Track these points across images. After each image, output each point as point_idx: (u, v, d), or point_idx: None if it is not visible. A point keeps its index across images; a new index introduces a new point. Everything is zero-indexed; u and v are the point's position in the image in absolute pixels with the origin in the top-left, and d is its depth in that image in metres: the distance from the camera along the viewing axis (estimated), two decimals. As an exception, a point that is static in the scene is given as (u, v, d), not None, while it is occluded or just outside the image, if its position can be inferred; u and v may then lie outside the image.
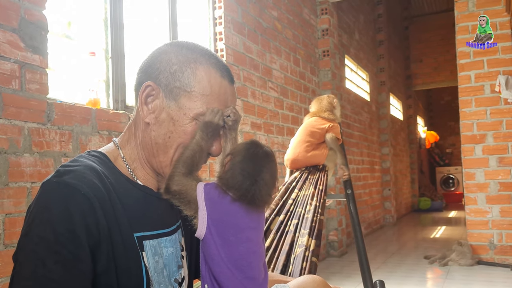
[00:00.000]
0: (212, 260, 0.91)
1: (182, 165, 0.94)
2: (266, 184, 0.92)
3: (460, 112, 4.56)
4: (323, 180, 1.94)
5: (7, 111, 1.74)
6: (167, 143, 0.99)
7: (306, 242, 1.59)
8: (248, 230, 0.93)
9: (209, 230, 0.91)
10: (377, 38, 8.02)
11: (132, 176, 1.02)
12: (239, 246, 0.91)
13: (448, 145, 13.69)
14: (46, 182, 0.88)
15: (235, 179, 0.90)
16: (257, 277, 0.94)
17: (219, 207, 0.92)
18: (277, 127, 4.07)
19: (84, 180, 0.88)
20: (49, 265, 0.81)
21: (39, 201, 0.87)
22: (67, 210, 0.84)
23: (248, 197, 0.91)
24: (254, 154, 0.93)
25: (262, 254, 0.96)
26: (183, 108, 0.97)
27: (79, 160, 0.95)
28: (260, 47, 3.85)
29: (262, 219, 0.97)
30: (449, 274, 4.04)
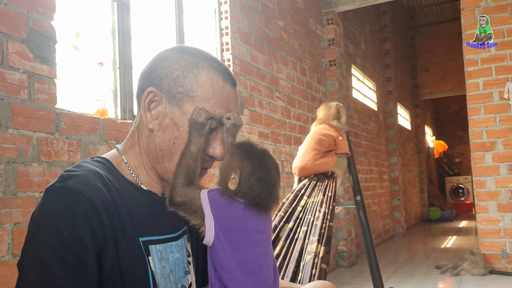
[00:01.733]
0: (221, 267, 0.90)
1: (180, 175, 0.93)
2: (276, 183, 0.92)
3: (469, 120, 4.53)
4: (331, 187, 1.93)
5: (16, 121, 1.75)
6: (172, 149, 0.98)
7: (316, 249, 1.57)
8: (257, 234, 0.91)
9: (217, 236, 0.89)
10: (383, 47, 8.02)
11: (136, 181, 1.01)
12: (249, 250, 0.90)
13: (457, 155, 13.59)
14: (50, 188, 0.88)
15: (254, 191, 0.89)
16: (268, 281, 0.92)
17: (227, 213, 0.90)
18: (285, 136, 4.06)
19: (88, 185, 0.88)
20: (54, 270, 0.80)
21: (43, 207, 0.86)
22: (71, 215, 0.83)
23: (262, 203, 0.90)
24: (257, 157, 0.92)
25: (271, 257, 0.95)
26: (187, 113, 0.97)
27: (83, 165, 0.94)
28: (267, 57, 3.86)
29: (270, 220, 0.95)
30: (461, 284, 3.98)
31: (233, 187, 0.90)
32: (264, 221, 0.93)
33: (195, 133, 0.95)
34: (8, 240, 1.69)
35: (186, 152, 0.95)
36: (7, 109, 1.72)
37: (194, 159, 0.95)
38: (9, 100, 1.73)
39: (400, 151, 8.39)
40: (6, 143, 1.71)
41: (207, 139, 0.99)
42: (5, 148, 1.70)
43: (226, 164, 0.93)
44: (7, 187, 1.70)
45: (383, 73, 7.94)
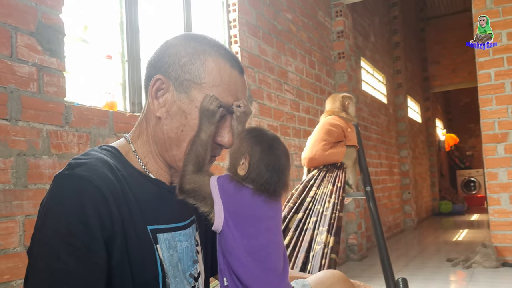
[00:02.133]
0: (230, 254, 0.89)
1: (190, 163, 0.93)
2: (285, 169, 0.91)
3: (480, 111, 4.48)
4: (341, 178, 1.91)
5: (26, 114, 1.76)
6: (180, 136, 0.97)
7: (325, 239, 1.56)
8: (266, 220, 0.91)
9: (226, 223, 0.89)
10: (392, 40, 7.95)
11: (144, 170, 1.01)
12: (258, 237, 0.89)
13: (468, 148, 13.46)
14: (58, 175, 0.88)
15: (263, 177, 0.89)
16: (277, 268, 0.91)
17: (236, 200, 0.90)
18: (294, 129, 4.05)
19: (96, 172, 0.88)
20: (63, 257, 0.81)
21: (51, 194, 0.86)
22: (79, 202, 0.84)
23: (271, 189, 0.89)
24: (267, 143, 0.92)
25: (281, 244, 0.94)
26: (195, 101, 0.96)
27: (91, 154, 0.94)
28: (275, 49, 3.84)
29: (280, 207, 0.95)
30: (473, 277, 3.95)
31: (242, 173, 0.89)
32: (273, 208, 0.92)
33: (205, 121, 0.94)
34: (19, 232, 1.71)
35: (196, 139, 0.94)
36: (17, 102, 1.73)
37: (204, 147, 0.95)
38: (18, 93, 1.74)
39: (411, 144, 8.33)
40: (17, 135, 1.72)
41: (216, 127, 0.99)
42: (15, 141, 1.72)
43: (236, 149, 0.92)
44: (18, 179, 1.72)
45: (393, 66, 7.88)
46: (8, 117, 1.70)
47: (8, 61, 1.71)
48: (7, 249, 1.67)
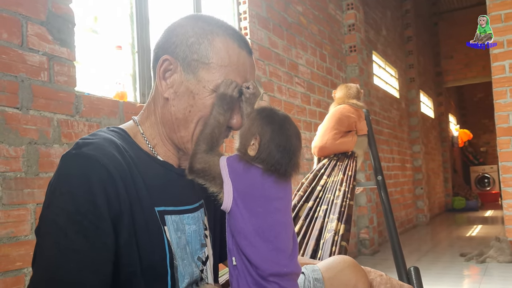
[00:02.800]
0: (238, 233, 0.88)
1: (203, 142, 0.92)
2: (296, 150, 0.90)
3: (494, 103, 4.41)
4: (352, 167, 1.89)
5: (37, 103, 1.77)
6: (188, 117, 0.97)
7: (335, 227, 1.55)
8: (275, 201, 0.90)
9: (235, 202, 0.88)
10: (405, 34, 7.87)
11: (153, 152, 1.00)
12: (267, 217, 0.88)
13: (482, 144, 13.28)
14: (65, 155, 0.88)
15: (273, 158, 0.88)
16: (286, 249, 0.90)
17: (245, 179, 0.89)
18: (305, 122, 4.03)
19: (103, 152, 0.87)
20: (70, 236, 0.81)
21: (59, 174, 0.86)
22: (86, 181, 0.83)
23: (281, 170, 0.88)
24: (278, 123, 0.90)
25: (290, 224, 0.93)
26: (202, 81, 0.95)
27: (98, 134, 0.94)
28: (286, 42, 3.82)
29: (290, 188, 0.94)
30: (487, 271, 3.89)
31: (252, 153, 0.89)
32: (283, 188, 0.91)
33: (225, 105, 0.94)
34: (31, 220, 1.72)
35: (212, 121, 0.93)
36: (28, 91, 1.74)
37: (220, 130, 0.94)
38: (29, 82, 1.75)
39: (423, 139, 8.25)
40: (28, 124, 1.73)
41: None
42: (26, 129, 1.73)
43: (246, 129, 0.91)
44: (29, 167, 1.73)
45: (405, 60, 7.80)
46: (19, 106, 1.71)
47: (19, 50, 1.72)
48: (18, 236, 1.68)
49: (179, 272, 0.94)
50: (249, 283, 0.88)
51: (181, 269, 0.95)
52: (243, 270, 0.89)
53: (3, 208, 1.63)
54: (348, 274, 1.14)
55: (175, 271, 0.93)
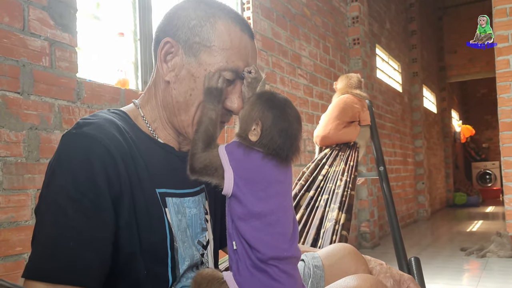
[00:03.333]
0: (239, 218, 0.88)
1: (199, 141, 0.91)
2: (297, 134, 0.89)
3: (498, 98, 4.38)
4: (353, 157, 1.88)
5: (38, 88, 1.77)
6: (189, 101, 0.96)
7: (336, 216, 1.54)
8: (276, 184, 0.89)
9: (236, 187, 0.87)
10: (409, 28, 7.83)
11: (153, 135, 1.00)
12: (268, 201, 0.88)
13: (484, 140, 13.25)
14: (66, 134, 0.87)
15: (275, 143, 0.87)
16: (286, 233, 0.90)
17: (246, 165, 0.88)
18: (307, 114, 4.01)
19: (104, 132, 0.87)
20: (70, 214, 0.80)
21: (59, 153, 0.86)
22: (87, 160, 0.83)
23: (283, 154, 0.87)
24: (279, 108, 0.90)
25: (290, 208, 0.92)
26: (204, 64, 0.94)
27: (99, 115, 0.93)
28: (289, 33, 3.80)
29: (290, 172, 0.93)
30: (487, 266, 3.89)
31: (254, 139, 0.88)
32: (284, 172, 0.91)
33: (214, 100, 0.93)
34: (31, 205, 1.72)
35: (204, 119, 0.92)
36: (29, 76, 1.73)
37: (214, 125, 0.93)
38: (31, 67, 1.74)
39: (425, 134, 8.22)
40: (29, 109, 1.73)
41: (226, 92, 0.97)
42: (27, 114, 1.72)
43: (247, 114, 0.90)
44: (30, 152, 1.72)
45: (408, 54, 7.76)
46: (20, 91, 1.70)
47: (20, 35, 1.71)
48: (19, 221, 1.68)
49: (179, 254, 0.94)
50: (248, 266, 0.87)
51: (182, 251, 0.95)
52: (243, 254, 0.88)
53: (4, 193, 1.63)
54: (348, 262, 1.14)
55: (176, 253, 0.93)
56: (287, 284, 0.88)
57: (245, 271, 0.87)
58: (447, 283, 3.37)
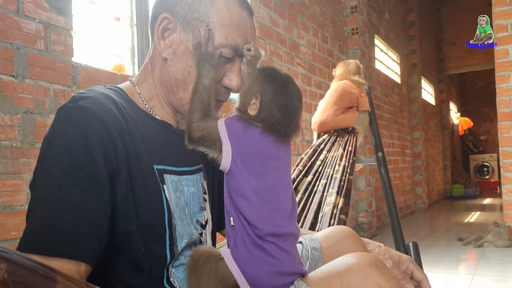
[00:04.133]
0: (236, 194, 0.86)
1: (195, 110, 0.90)
2: (297, 111, 0.88)
3: (496, 88, 4.38)
4: (352, 142, 1.87)
5: (33, 71, 1.74)
6: (187, 78, 0.95)
7: (334, 200, 1.53)
8: (275, 160, 0.88)
9: (234, 162, 0.86)
10: (408, 19, 7.80)
11: (150, 112, 0.98)
12: (266, 177, 0.86)
13: (482, 132, 13.26)
14: (61, 108, 0.86)
15: (274, 117, 0.86)
16: (285, 209, 0.89)
17: (245, 139, 0.87)
18: (305, 104, 4.00)
19: (100, 106, 0.85)
20: (66, 187, 0.79)
21: (54, 127, 0.84)
22: (82, 133, 0.81)
23: (282, 130, 0.86)
24: (280, 83, 0.88)
25: (289, 185, 0.91)
26: None
27: (95, 90, 0.92)
28: (287, 21, 3.77)
29: (289, 149, 0.92)
30: (485, 255, 3.90)
31: (252, 113, 0.86)
32: (283, 149, 0.89)
33: (205, 65, 0.92)
34: (26, 190, 1.70)
35: (198, 86, 0.92)
36: (23, 59, 1.71)
37: (208, 93, 0.92)
38: (25, 50, 1.72)
39: (424, 126, 8.22)
40: (23, 93, 1.70)
41: (221, 70, 0.96)
42: (22, 98, 1.70)
43: (247, 88, 0.89)
44: (25, 137, 1.70)
45: (407, 45, 7.73)
46: (14, 74, 1.68)
47: (15, 17, 1.69)
48: (14, 205, 1.66)
49: (177, 231, 0.93)
50: (246, 243, 0.86)
51: (180, 229, 0.94)
52: (241, 231, 0.87)
53: (-1, 177, 1.61)
54: (347, 244, 1.13)
55: (174, 230, 0.92)
56: (285, 261, 0.87)
57: (243, 247, 0.86)
58: (444, 272, 3.38)
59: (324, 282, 0.86)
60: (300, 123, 0.90)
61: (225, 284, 0.86)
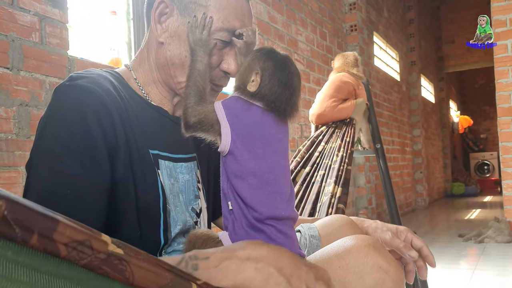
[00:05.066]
0: (235, 176, 0.84)
1: (190, 95, 0.89)
2: (296, 88, 0.86)
3: (496, 83, 4.36)
4: (350, 133, 1.86)
5: (28, 64, 1.73)
6: (185, 62, 0.94)
7: (332, 190, 1.52)
8: (275, 142, 0.86)
9: (233, 143, 0.84)
10: (406, 16, 7.79)
11: (146, 98, 0.97)
12: (266, 159, 0.85)
13: (482, 131, 13.24)
14: (59, 87, 0.85)
15: (275, 93, 0.84)
16: (284, 192, 0.87)
17: (244, 120, 0.85)
18: (304, 100, 3.98)
19: (99, 85, 0.85)
20: (66, 162, 0.77)
21: (51, 105, 0.83)
22: (82, 111, 0.80)
23: (281, 107, 0.84)
24: (280, 60, 0.87)
25: (288, 169, 0.90)
26: None
27: (92, 70, 0.92)
28: (285, 17, 3.76)
29: (287, 131, 0.90)
30: (485, 251, 3.89)
31: (253, 89, 0.85)
32: (282, 130, 0.88)
33: (199, 51, 0.91)
34: (22, 182, 1.69)
35: (192, 71, 0.91)
36: (18, 51, 1.70)
37: (203, 77, 0.91)
38: (20, 42, 1.71)
39: (423, 124, 8.21)
40: (19, 85, 1.69)
41: (219, 54, 0.95)
42: (17, 90, 1.69)
43: (246, 66, 0.88)
44: (20, 129, 1.69)
45: (406, 43, 7.72)
46: (9, 66, 1.67)
47: (9, 9, 1.68)
48: (10, 199, 1.65)
49: (171, 217, 0.92)
50: (245, 226, 0.84)
51: (174, 214, 0.93)
52: (239, 214, 0.85)
53: (-6, 169, 1.60)
54: (345, 232, 1.12)
55: (168, 215, 0.91)
56: (284, 244, 0.86)
57: (241, 230, 0.85)
58: (444, 268, 3.36)
59: (323, 264, 0.85)
60: (299, 103, 0.89)
61: None
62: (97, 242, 0.54)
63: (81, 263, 0.52)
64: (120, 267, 0.55)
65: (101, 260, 0.53)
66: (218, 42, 0.93)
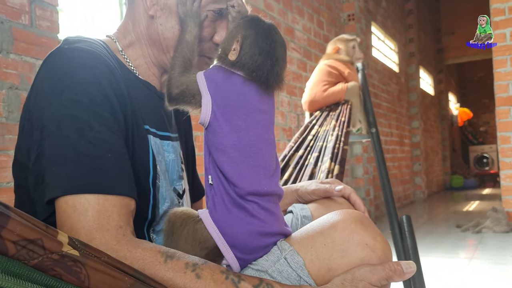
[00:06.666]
0: (216, 149, 0.82)
1: (175, 66, 0.87)
2: (280, 58, 0.84)
3: (494, 73, 4.34)
4: (345, 113, 1.83)
5: (18, 46, 1.71)
6: (177, 37, 0.91)
7: (329, 166, 1.49)
8: (257, 113, 0.83)
9: (214, 115, 0.81)
10: (405, 7, 7.74)
11: (134, 72, 0.95)
12: (248, 131, 0.82)
13: (482, 123, 13.20)
14: (56, 51, 0.81)
15: (255, 62, 0.81)
16: (267, 167, 0.84)
17: (225, 90, 0.82)
18: (300, 89, 3.96)
19: (99, 50, 0.83)
20: (95, 127, 0.74)
21: (53, 68, 0.79)
22: (94, 74, 0.78)
23: (263, 77, 0.82)
24: (263, 28, 0.85)
25: (273, 142, 0.87)
26: None
27: (84, 36, 0.88)
28: (282, 5, 3.73)
29: (273, 103, 0.88)
30: (483, 240, 3.88)
31: (233, 58, 0.82)
32: (266, 102, 0.85)
33: (190, 22, 0.89)
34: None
35: (181, 42, 0.89)
36: (7, 33, 1.68)
37: (190, 49, 0.89)
38: (9, 24, 1.68)
39: (422, 116, 8.18)
40: (8, 68, 1.67)
41: (212, 27, 0.93)
42: (7, 73, 1.66)
43: (228, 34, 0.86)
44: (10, 113, 1.67)
45: (405, 34, 7.68)
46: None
47: (-2, -10, 1.65)
48: (0, 183, 1.63)
49: (160, 193, 0.90)
50: (226, 202, 0.82)
51: (163, 191, 0.91)
52: (219, 189, 0.83)
53: (-17, 153, 1.58)
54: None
55: (157, 191, 0.90)
56: (267, 221, 0.83)
57: (222, 207, 0.82)
58: (441, 257, 3.36)
59: (307, 241, 0.82)
60: (284, 74, 0.86)
61: (204, 247, 0.82)
62: (51, 242, 0.51)
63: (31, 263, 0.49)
64: (75, 269, 0.52)
65: (54, 261, 0.51)
66: (210, 14, 0.92)
